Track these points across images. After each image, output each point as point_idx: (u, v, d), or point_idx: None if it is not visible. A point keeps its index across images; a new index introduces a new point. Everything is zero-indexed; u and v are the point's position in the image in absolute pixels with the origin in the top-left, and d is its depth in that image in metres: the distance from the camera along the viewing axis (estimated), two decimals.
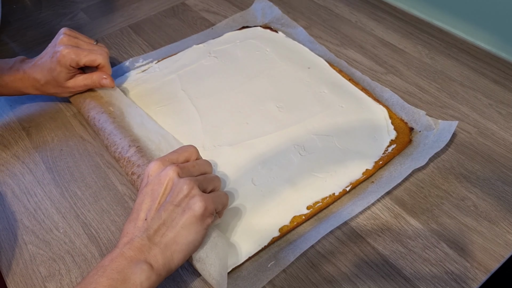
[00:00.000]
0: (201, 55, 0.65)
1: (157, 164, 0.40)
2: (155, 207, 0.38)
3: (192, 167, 0.41)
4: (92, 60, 0.55)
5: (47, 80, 0.55)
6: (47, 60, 0.54)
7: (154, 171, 0.40)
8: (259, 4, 0.74)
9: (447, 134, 0.50)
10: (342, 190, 0.47)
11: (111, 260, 0.36)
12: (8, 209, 0.49)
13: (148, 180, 0.40)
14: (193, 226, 0.37)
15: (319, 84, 0.59)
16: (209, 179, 0.42)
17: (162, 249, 0.36)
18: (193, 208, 0.37)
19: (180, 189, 0.38)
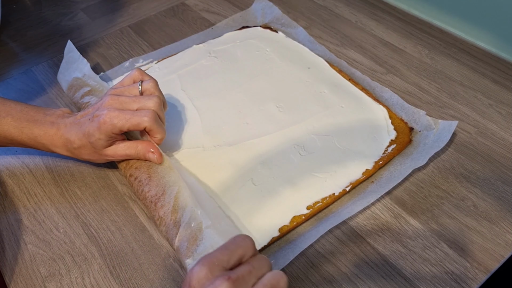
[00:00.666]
0: (201, 55, 0.65)
1: (203, 271, 0.31)
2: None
3: (248, 275, 0.31)
4: (136, 125, 0.45)
5: (82, 144, 0.46)
6: (85, 122, 0.46)
7: (199, 281, 0.30)
8: (259, 4, 0.74)
9: (447, 134, 0.50)
10: (342, 190, 0.47)
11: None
12: (8, 209, 0.49)
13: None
14: None
15: (319, 84, 0.59)
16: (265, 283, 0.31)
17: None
18: None
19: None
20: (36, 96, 0.62)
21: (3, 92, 0.63)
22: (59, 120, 0.48)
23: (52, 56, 0.69)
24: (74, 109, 0.59)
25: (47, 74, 0.66)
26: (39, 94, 0.62)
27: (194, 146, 0.52)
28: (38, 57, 0.69)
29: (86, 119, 0.47)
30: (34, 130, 0.48)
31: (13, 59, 0.69)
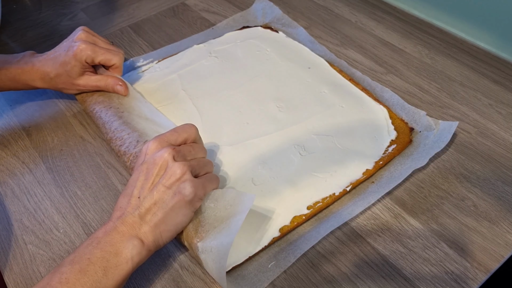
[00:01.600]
0: (202, 55, 0.65)
1: (154, 144, 0.42)
2: (148, 186, 0.39)
3: (187, 151, 0.42)
4: (108, 59, 0.55)
5: (58, 73, 0.54)
6: (61, 53, 0.54)
7: (151, 151, 0.41)
8: (260, 4, 0.74)
9: (447, 134, 0.50)
10: (342, 190, 0.47)
11: (104, 232, 0.38)
12: (8, 209, 0.49)
13: (145, 159, 0.41)
14: (182, 209, 0.39)
15: (320, 84, 0.59)
16: (202, 164, 0.43)
17: (152, 228, 0.39)
18: (183, 192, 0.39)
19: (173, 172, 0.39)
20: (36, 96, 0.62)
21: (3, 92, 0.63)
22: (32, 58, 0.55)
23: None
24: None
25: None
26: (39, 94, 0.62)
27: None
28: None
29: (61, 52, 0.54)
30: (11, 71, 0.54)
31: None
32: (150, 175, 0.40)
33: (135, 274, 0.43)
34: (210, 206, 0.41)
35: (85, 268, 0.36)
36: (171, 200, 0.39)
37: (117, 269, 0.36)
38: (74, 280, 0.35)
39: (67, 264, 0.36)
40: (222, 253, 0.38)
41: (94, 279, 0.35)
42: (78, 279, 0.35)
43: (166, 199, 0.39)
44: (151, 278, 0.42)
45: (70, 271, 0.35)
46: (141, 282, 0.42)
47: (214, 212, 0.41)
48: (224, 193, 0.42)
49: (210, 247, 0.39)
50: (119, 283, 0.37)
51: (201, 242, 0.40)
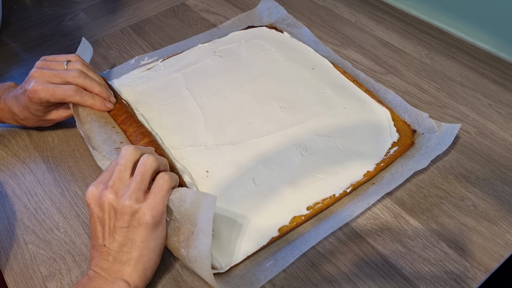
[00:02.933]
0: (206, 54, 0.65)
1: (92, 191, 0.40)
2: (108, 233, 0.39)
3: (121, 174, 0.39)
4: (62, 99, 0.50)
5: (25, 116, 0.52)
6: (20, 95, 0.50)
7: (91, 199, 0.39)
8: (265, 4, 0.74)
9: (449, 137, 0.50)
10: (342, 191, 0.47)
11: (88, 279, 0.38)
12: (8, 209, 0.49)
13: (91, 210, 0.39)
14: (150, 236, 0.39)
15: (323, 85, 0.59)
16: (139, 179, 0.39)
17: (133, 266, 0.38)
18: (142, 222, 0.38)
19: (123, 210, 0.38)
20: None
21: None
22: (4, 94, 0.52)
23: None
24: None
25: None
26: None
27: (197, 144, 0.53)
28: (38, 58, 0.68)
29: (20, 93, 0.51)
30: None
31: (14, 59, 0.69)
32: (104, 223, 0.39)
33: None
34: (181, 210, 0.40)
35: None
36: (136, 234, 0.38)
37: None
38: None
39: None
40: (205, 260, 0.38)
41: None
42: None
43: (130, 237, 0.38)
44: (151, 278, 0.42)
45: None
46: None
47: (188, 215, 0.40)
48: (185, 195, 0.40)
49: (194, 257, 0.39)
50: None
51: (185, 252, 0.40)
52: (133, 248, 0.38)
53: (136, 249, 0.38)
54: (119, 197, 0.38)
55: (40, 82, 0.49)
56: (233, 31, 0.70)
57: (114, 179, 0.39)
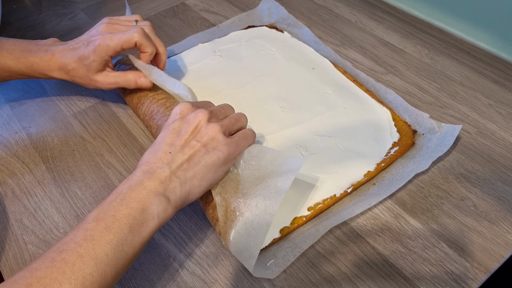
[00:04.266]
0: (206, 53, 0.65)
1: (187, 105, 0.43)
2: (180, 143, 0.40)
3: (219, 111, 0.44)
4: (127, 40, 0.50)
5: (75, 67, 0.52)
6: (81, 46, 0.52)
7: (184, 111, 0.42)
8: (266, 3, 0.74)
9: (450, 138, 0.50)
10: (343, 192, 0.47)
11: (129, 187, 0.37)
12: (8, 209, 0.49)
13: (176, 118, 0.42)
14: (214, 167, 0.40)
15: (323, 84, 0.59)
16: (234, 121, 0.44)
17: (182, 183, 0.38)
18: (218, 151, 0.39)
19: (208, 131, 0.40)
20: (36, 96, 0.62)
21: (3, 92, 0.63)
22: (52, 47, 0.53)
23: None
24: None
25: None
26: (39, 94, 0.62)
27: None
28: None
29: (81, 45, 0.52)
30: (30, 59, 0.52)
31: None
32: (183, 133, 0.40)
33: (135, 273, 0.43)
34: (251, 164, 0.41)
35: (111, 225, 0.34)
36: (204, 157, 0.39)
37: (143, 226, 0.36)
38: (99, 237, 0.34)
39: (92, 220, 0.35)
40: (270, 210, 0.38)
41: (119, 237, 0.34)
42: (103, 236, 0.34)
43: (199, 156, 0.39)
44: (151, 278, 0.42)
45: (95, 228, 0.34)
46: (141, 282, 0.42)
47: (254, 172, 0.41)
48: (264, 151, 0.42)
49: (255, 202, 0.39)
50: (145, 240, 0.36)
51: (243, 199, 0.39)
52: (193, 168, 0.39)
53: (195, 170, 0.39)
54: (211, 121, 0.41)
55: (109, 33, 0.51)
56: (233, 30, 0.70)
57: (215, 108, 0.43)
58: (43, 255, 0.33)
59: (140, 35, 0.51)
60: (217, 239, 0.45)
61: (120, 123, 0.58)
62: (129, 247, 0.35)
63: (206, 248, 0.44)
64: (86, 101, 0.61)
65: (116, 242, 0.34)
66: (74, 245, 0.33)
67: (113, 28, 0.53)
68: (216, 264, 0.43)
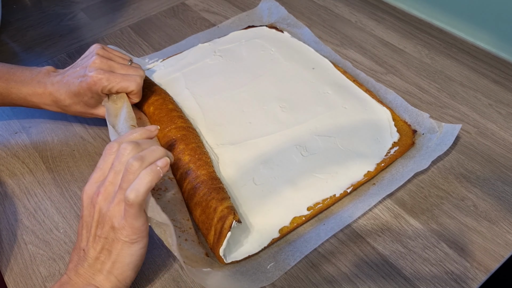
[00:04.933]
0: (206, 53, 0.65)
1: (87, 193, 0.39)
2: (91, 239, 0.38)
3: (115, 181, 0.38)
4: (125, 88, 0.50)
5: (73, 102, 0.50)
6: (75, 82, 0.49)
7: (86, 201, 0.39)
8: (266, 3, 0.74)
9: (450, 137, 0.50)
10: (343, 192, 0.47)
11: (60, 285, 0.38)
12: (8, 209, 0.49)
13: (82, 212, 0.39)
14: (126, 252, 0.38)
15: (323, 84, 0.59)
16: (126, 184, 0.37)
17: (106, 275, 0.38)
18: (119, 237, 0.37)
19: (105, 221, 0.38)
20: None
21: None
22: (45, 79, 0.50)
23: (52, 56, 0.69)
24: None
25: None
26: None
27: None
28: (38, 57, 0.69)
29: (74, 79, 0.49)
30: (22, 90, 0.50)
31: (13, 59, 0.69)
32: (89, 228, 0.39)
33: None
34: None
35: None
36: (113, 247, 0.38)
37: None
38: None
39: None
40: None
41: None
42: None
43: (107, 248, 0.38)
44: (151, 278, 0.42)
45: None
46: (141, 282, 0.42)
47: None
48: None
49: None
50: None
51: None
52: (108, 259, 0.38)
53: (111, 260, 0.38)
54: (108, 204, 0.38)
55: (104, 70, 0.49)
56: (233, 30, 0.70)
57: (106, 183, 0.38)
58: None
59: (137, 87, 0.51)
60: None
61: None
62: None
63: None
64: None
65: None
66: None
67: (108, 65, 0.50)
68: None
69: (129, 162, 0.37)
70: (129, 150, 0.38)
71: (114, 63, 0.51)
